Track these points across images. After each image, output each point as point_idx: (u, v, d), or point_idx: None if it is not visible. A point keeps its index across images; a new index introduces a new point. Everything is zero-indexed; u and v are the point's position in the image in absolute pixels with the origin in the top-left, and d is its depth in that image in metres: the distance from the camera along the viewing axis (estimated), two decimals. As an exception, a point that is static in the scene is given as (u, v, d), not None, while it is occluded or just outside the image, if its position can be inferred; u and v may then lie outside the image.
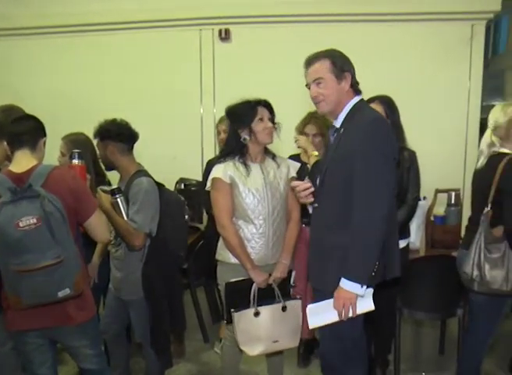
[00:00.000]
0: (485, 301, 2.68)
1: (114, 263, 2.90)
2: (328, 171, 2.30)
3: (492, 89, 9.88)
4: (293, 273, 2.85)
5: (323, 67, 2.25)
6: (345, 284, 2.16)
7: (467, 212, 3.10)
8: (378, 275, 2.23)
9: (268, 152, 2.83)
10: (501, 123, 2.64)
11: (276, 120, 2.77)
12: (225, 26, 4.94)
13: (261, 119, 2.68)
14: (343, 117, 2.29)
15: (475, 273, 2.59)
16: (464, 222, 3.04)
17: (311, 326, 2.33)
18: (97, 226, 2.36)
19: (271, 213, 2.71)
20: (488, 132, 2.71)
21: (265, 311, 2.72)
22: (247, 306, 2.70)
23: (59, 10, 4.98)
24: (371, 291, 2.23)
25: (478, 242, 2.60)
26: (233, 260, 2.72)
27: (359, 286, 2.14)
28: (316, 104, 2.33)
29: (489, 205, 2.58)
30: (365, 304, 2.23)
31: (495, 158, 2.60)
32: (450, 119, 4.82)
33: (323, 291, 2.31)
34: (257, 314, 2.70)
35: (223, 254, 2.77)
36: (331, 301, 2.23)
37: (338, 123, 2.32)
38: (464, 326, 3.26)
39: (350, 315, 2.20)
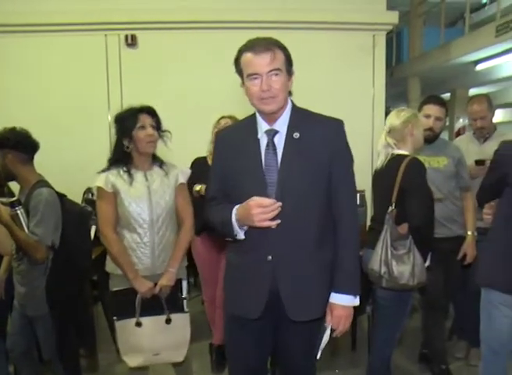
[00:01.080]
0: (392, 296, 2.77)
1: (17, 278, 2.78)
2: (291, 182, 1.96)
3: (397, 95, 10.44)
4: (184, 284, 2.78)
5: (280, 57, 1.93)
6: (342, 300, 1.98)
7: (372, 212, 3.22)
8: None
9: (156, 160, 2.75)
10: (396, 126, 2.78)
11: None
12: (132, 32, 4.86)
13: (143, 127, 2.60)
14: (288, 119, 2.02)
15: (383, 269, 2.67)
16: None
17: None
18: None
19: (155, 222, 2.64)
20: (383, 134, 2.84)
21: (148, 322, 2.63)
22: (132, 316, 2.62)
23: None
24: None
25: (385, 240, 2.69)
26: (119, 271, 2.64)
27: (354, 297, 2.01)
28: (262, 100, 1.94)
29: (393, 205, 2.69)
30: None
31: (395, 160, 2.72)
32: (357, 123, 4.95)
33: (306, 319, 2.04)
34: (138, 324, 2.61)
35: (110, 265, 2.70)
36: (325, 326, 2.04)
37: (278, 126, 2.01)
38: (373, 322, 3.38)
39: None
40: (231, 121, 3.43)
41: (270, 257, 1.98)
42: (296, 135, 1.98)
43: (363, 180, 3.08)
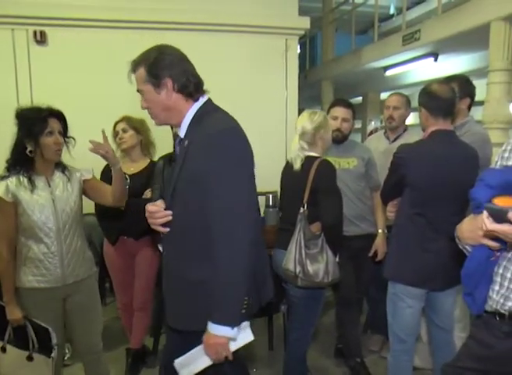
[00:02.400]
0: (304, 294, 2.84)
1: None
2: (178, 191, 1.92)
3: (312, 97, 10.69)
4: (53, 334, 2.56)
5: (140, 77, 1.90)
6: (213, 329, 1.79)
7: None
8: (252, 307, 1.94)
9: (58, 165, 2.61)
10: (308, 130, 2.84)
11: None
12: (41, 28, 4.60)
13: (51, 133, 2.47)
14: (187, 126, 1.95)
15: (298, 269, 2.72)
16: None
17: None
18: None
19: (62, 230, 2.53)
20: (296, 137, 2.90)
21: (12, 351, 2.52)
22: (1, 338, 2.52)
23: None
24: (247, 323, 1.95)
25: (298, 240, 2.75)
26: (28, 284, 2.52)
27: (229, 328, 1.79)
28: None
29: (305, 205, 2.75)
30: (244, 336, 1.93)
31: (307, 162, 2.79)
32: (271, 124, 5.08)
33: (184, 331, 1.99)
34: (3, 349, 2.52)
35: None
36: (201, 347, 1.88)
37: (182, 133, 1.97)
38: (288, 320, 3.45)
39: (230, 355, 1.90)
40: (126, 124, 3.39)
41: (164, 260, 2.05)
42: (185, 143, 1.92)
43: (276, 181, 3.14)
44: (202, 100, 1.97)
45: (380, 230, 3.48)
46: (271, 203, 3.92)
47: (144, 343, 3.69)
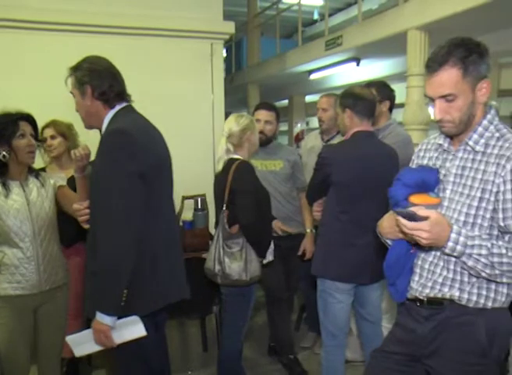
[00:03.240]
0: (234, 292, 2.87)
1: None
2: (92, 188, 2.14)
3: (239, 100, 10.79)
4: None
5: (71, 82, 2.12)
6: (97, 315, 1.98)
7: (213, 215, 3.31)
8: (139, 302, 2.07)
9: (31, 170, 2.59)
10: (234, 132, 2.86)
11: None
12: None
13: (23, 136, 2.45)
14: (104, 130, 2.10)
15: (217, 267, 2.77)
16: (211, 225, 3.23)
17: (77, 354, 2.20)
18: None
19: (37, 234, 2.50)
20: (222, 140, 2.94)
21: None
22: None
23: None
24: (136, 318, 2.05)
25: (218, 239, 2.82)
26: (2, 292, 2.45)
27: (106, 316, 1.96)
28: None
29: (225, 206, 2.80)
30: (134, 330, 2.06)
31: (228, 163, 2.83)
32: (198, 128, 5.05)
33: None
34: None
35: None
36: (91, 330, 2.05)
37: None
38: (220, 319, 3.47)
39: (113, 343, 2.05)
40: (54, 130, 3.29)
41: None
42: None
43: (204, 184, 3.16)
44: (119, 107, 2.13)
45: (308, 230, 3.58)
46: (199, 206, 3.93)
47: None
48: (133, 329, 2.07)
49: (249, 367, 3.49)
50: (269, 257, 2.93)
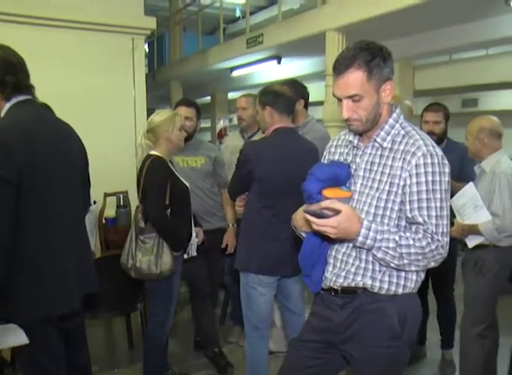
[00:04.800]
0: (154, 285, 2.93)
1: None
2: None
3: (161, 96, 10.68)
4: None
5: None
6: None
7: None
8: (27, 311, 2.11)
9: None
10: (154, 129, 2.91)
11: None
12: None
13: None
14: None
15: (130, 262, 2.85)
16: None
17: None
18: None
19: None
20: (140, 135, 2.96)
21: None
22: None
23: None
24: (13, 326, 2.09)
25: (131, 234, 2.88)
26: None
27: None
28: None
29: (139, 201, 2.87)
30: (15, 338, 2.10)
31: (145, 159, 2.88)
32: (119, 125, 4.98)
33: None
34: None
35: None
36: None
37: None
38: (145, 316, 3.47)
39: None
40: None
41: None
42: None
43: (126, 181, 3.15)
44: (15, 100, 2.08)
45: (230, 225, 3.65)
46: (122, 203, 3.91)
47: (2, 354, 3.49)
48: (12, 336, 2.06)
49: (175, 362, 3.55)
50: (191, 252, 2.98)
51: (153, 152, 2.89)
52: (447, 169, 1.75)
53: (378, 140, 1.81)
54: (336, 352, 1.94)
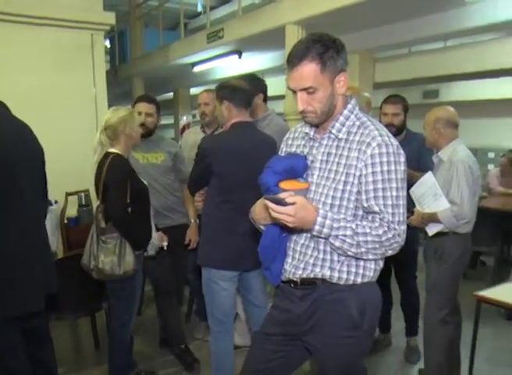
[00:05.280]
0: (116, 285, 2.89)
1: None
2: None
3: (124, 93, 10.56)
4: None
5: None
6: None
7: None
8: None
9: None
10: (111, 125, 2.84)
11: None
12: None
13: None
14: None
15: (92, 262, 2.79)
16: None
17: None
18: None
19: None
20: (98, 132, 2.90)
21: None
22: None
23: None
24: None
25: (92, 234, 2.82)
26: None
27: None
28: None
29: (99, 200, 2.81)
30: None
31: (104, 157, 2.82)
32: (80, 123, 4.88)
33: None
34: None
35: None
36: None
37: None
38: (110, 316, 3.43)
39: None
40: None
41: None
42: None
43: (87, 180, 3.11)
44: None
45: (192, 220, 3.63)
46: (83, 202, 3.86)
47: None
48: None
49: (141, 360, 3.53)
50: (150, 251, 2.96)
51: (112, 150, 2.84)
52: (402, 159, 1.76)
53: (334, 131, 1.82)
54: (299, 344, 1.95)
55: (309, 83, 1.73)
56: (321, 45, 1.72)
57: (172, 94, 11.41)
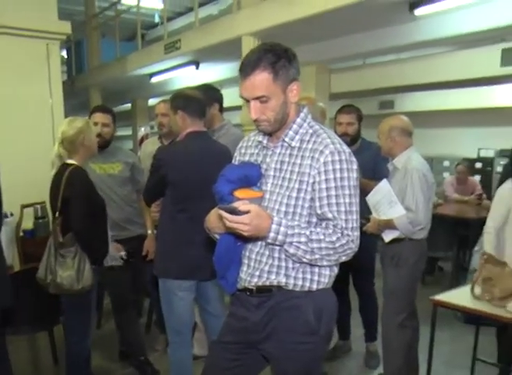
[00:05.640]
0: (73, 300, 2.82)
1: None
2: None
3: (81, 104, 10.43)
4: None
5: None
6: None
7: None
8: None
9: None
10: (68, 136, 2.79)
11: None
12: None
13: None
14: None
15: (49, 277, 2.72)
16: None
17: None
18: None
19: None
20: (56, 144, 2.85)
21: None
22: None
23: None
24: None
25: (49, 248, 2.76)
26: None
27: None
28: None
29: (58, 213, 2.74)
30: None
31: (62, 169, 2.77)
32: (36, 135, 4.79)
33: None
34: None
35: None
36: None
37: None
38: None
39: None
40: None
41: None
42: None
43: (44, 192, 3.05)
44: None
45: (149, 231, 3.59)
46: (40, 214, 3.79)
47: None
48: None
49: (101, 374, 3.46)
50: (111, 262, 2.93)
51: (70, 161, 2.80)
52: (355, 166, 1.80)
53: (287, 139, 1.85)
54: (256, 352, 1.96)
55: (262, 92, 1.75)
56: (273, 55, 1.74)
57: (130, 105, 11.33)
